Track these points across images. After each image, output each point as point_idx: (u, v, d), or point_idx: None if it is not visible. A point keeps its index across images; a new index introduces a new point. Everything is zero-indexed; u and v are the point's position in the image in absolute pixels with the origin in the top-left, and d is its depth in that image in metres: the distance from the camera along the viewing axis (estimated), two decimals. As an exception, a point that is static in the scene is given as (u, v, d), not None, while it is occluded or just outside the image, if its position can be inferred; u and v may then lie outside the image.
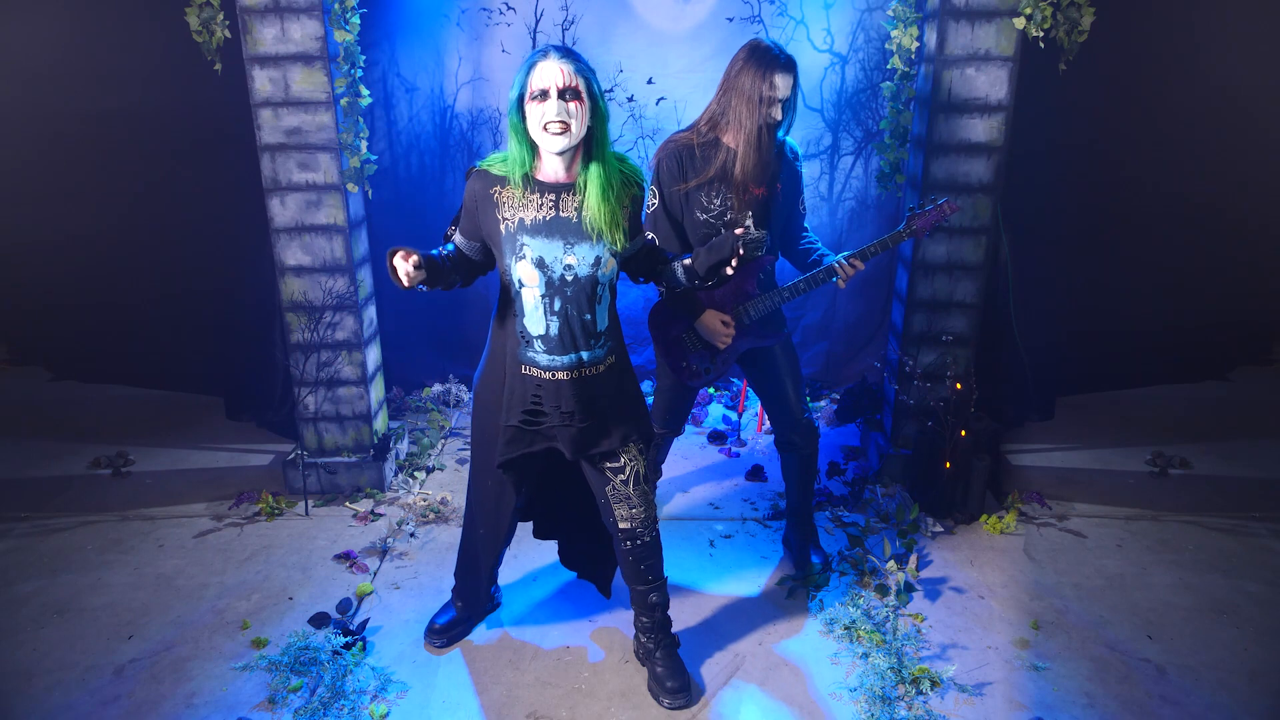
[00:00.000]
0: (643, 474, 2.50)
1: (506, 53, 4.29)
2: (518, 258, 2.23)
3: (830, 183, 4.50)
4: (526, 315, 2.29)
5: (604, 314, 2.33)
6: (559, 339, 2.28)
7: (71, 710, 2.52)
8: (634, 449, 2.47)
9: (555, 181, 2.25)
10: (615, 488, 2.47)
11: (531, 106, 2.15)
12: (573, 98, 2.14)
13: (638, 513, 2.49)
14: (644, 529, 2.51)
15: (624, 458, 2.45)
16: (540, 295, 2.25)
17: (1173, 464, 3.74)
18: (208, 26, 3.41)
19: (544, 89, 2.13)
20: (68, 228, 4.13)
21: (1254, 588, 3.09)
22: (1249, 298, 4.29)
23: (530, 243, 2.22)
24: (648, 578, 2.56)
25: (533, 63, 2.15)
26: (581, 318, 2.28)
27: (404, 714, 2.53)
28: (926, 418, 3.61)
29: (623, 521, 2.50)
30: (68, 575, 3.18)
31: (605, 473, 2.47)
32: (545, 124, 2.15)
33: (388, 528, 3.49)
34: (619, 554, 2.57)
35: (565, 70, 2.13)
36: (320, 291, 3.59)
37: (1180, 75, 3.80)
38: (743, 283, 2.91)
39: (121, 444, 3.91)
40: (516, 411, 2.38)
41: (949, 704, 2.55)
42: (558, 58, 2.14)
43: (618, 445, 2.43)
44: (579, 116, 2.15)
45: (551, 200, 2.24)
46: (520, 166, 2.22)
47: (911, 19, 3.56)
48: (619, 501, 2.48)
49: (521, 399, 2.37)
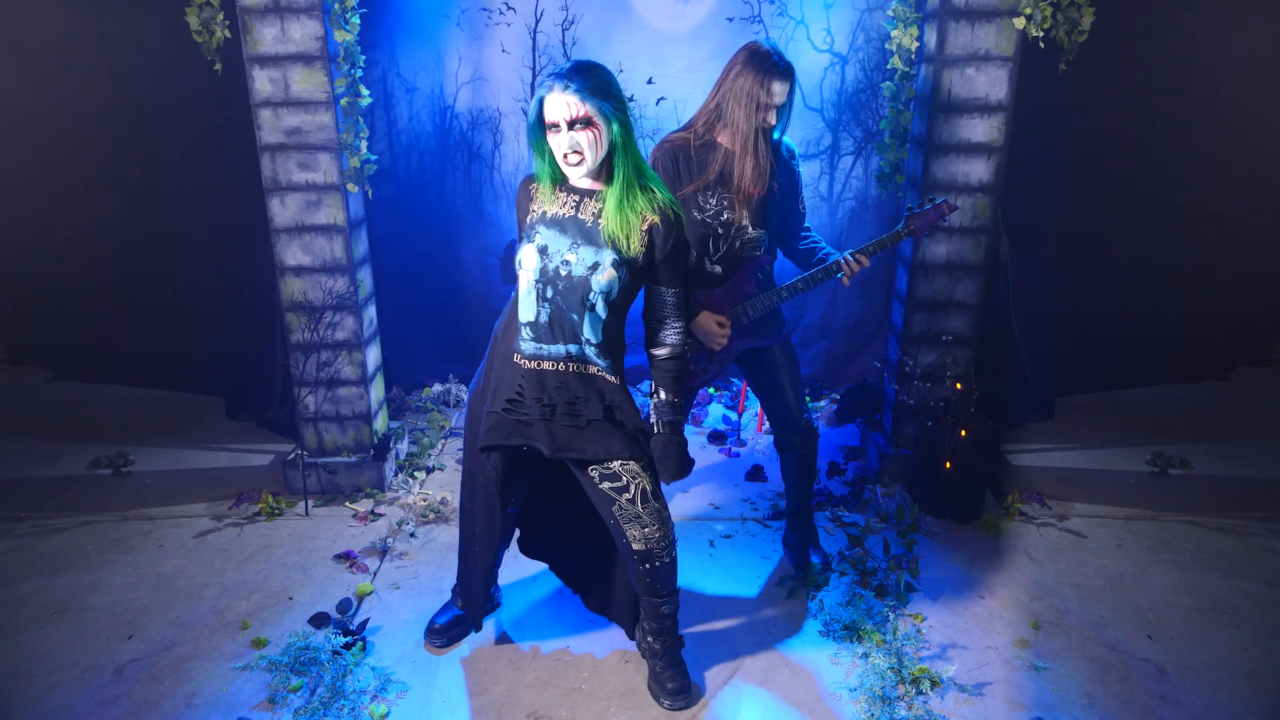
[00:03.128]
0: (651, 491, 2.40)
1: (506, 53, 4.29)
2: (527, 241, 2.30)
3: (830, 183, 4.50)
4: (521, 300, 2.34)
5: (593, 327, 2.28)
6: (548, 327, 2.30)
7: (71, 710, 2.52)
8: (634, 465, 2.38)
9: (582, 187, 2.31)
10: (622, 507, 2.39)
11: (550, 135, 2.20)
12: (584, 126, 2.15)
13: (651, 532, 2.40)
14: (661, 549, 2.42)
15: (624, 476, 2.37)
16: (534, 280, 2.28)
17: (1173, 464, 3.74)
18: (208, 26, 3.41)
19: (554, 122, 2.16)
20: (68, 228, 4.14)
21: (1254, 588, 3.09)
22: (1249, 298, 4.29)
23: (542, 231, 2.29)
24: (661, 593, 2.52)
25: (542, 95, 2.17)
26: (569, 315, 2.29)
27: (404, 714, 2.53)
28: (926, 418, 3.60)
29: (636, 543, 2.40)
30: (68, 575, 3.18)
31: (607, 492, 2.39)
32: (562, 155, 2.20)
33: (388, 528, 3.49)
34: (633, 574, 2.49)
35: (571, 102, 2.13)
36: (320, 291, 3.59)
37: (1180, 75, 3.80)
38: (741, 283, 2.91)
39: (121, 444, 3.92)
40: (500, 399, 2.39)
41: (949, 704, 2.55)
42: (561, 89, 2.13)
43: (601, 457, 2.35)
44: (594, 143, 2.18)
45: (575, 201, 2.30)
46: (551, 179, 2.29)
47: (911, 19, 3.56)
48: (629, 522, 2.40)
49: (507, 387, 2.38)
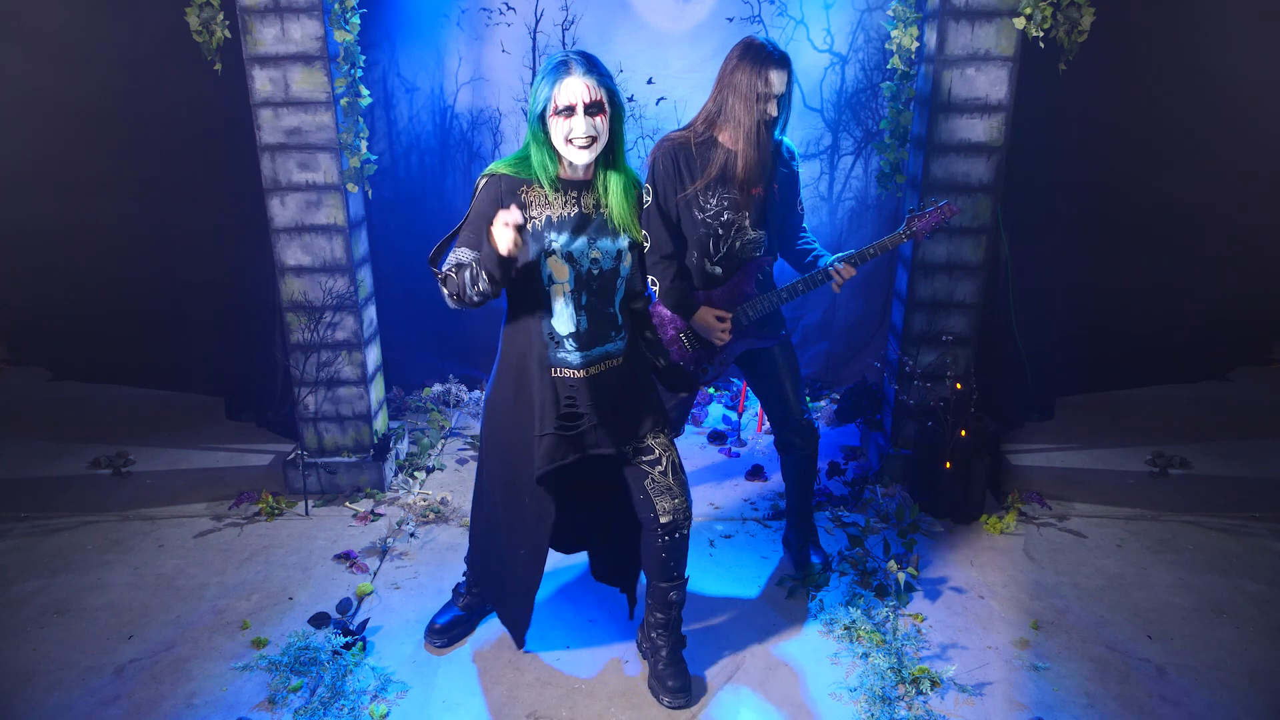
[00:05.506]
0: (678, 463, 2.48)
1: (506, 53, 4.29)
2: (547, 253, 2.24)
3: (830, 183, 4.50)
4: (555, 315, 2.29)
5: (621, 307, 2.37)
6: (588, 334, 2.30)
7: (71, 710, 2.53)
8: (664, 436, 2.47)
9: (575, 179, 2.29)
10: (654, 480, 2.44)
11: (556, 121, 2.17)
12: (597, 112, 2.17)
13: (679, 503, 2.46)
14: (684, 519, 2.48)
15: (657, 449, 2.45)
16: (569, 290, 2.26)
17: (1173, 464, 3.74)
18: (208, 26, 3.42)
19: (570, 105, 2.15)
20: (68, 228, 4.13)
21: (1254, 588, 3.09)
22: (1249, 298, 4.28)
23: (558, 239, 2.25)
24: (673, 574, 2.53)
25: (557, 78, 2.15)
26: (605, 311, 2.31)
27: (404, 714, 2.53)
28: (926, 418, 3.60)
29: (664, 515, 2.45)
30: (68, 575, 3.18)
31: (641, 466, 2.44)
32: (571, 139, 2.17)
33: (388, 528, 3.49)
34: (649, 549, 2.51)
35: (590, 86, 2.14)
36: (320, 291, 3.59)
37: (1180, 75, 3.80)
38: (741, 283, 2.91)
39: (121, 444, 3.91)
40: (551, 418, 2.33)
41: (949, 704, 2.55)
42: (581, 73, 2.14)
43: (649, 432, 2.44)
44: (604, 129, 2.19)
45: (574, 197, 2.27)
46: (546, 172, 2.24)
47: (911, 19, 3.56)
48: (660, 494, 2.44)
49: (555, 404, 2.33)
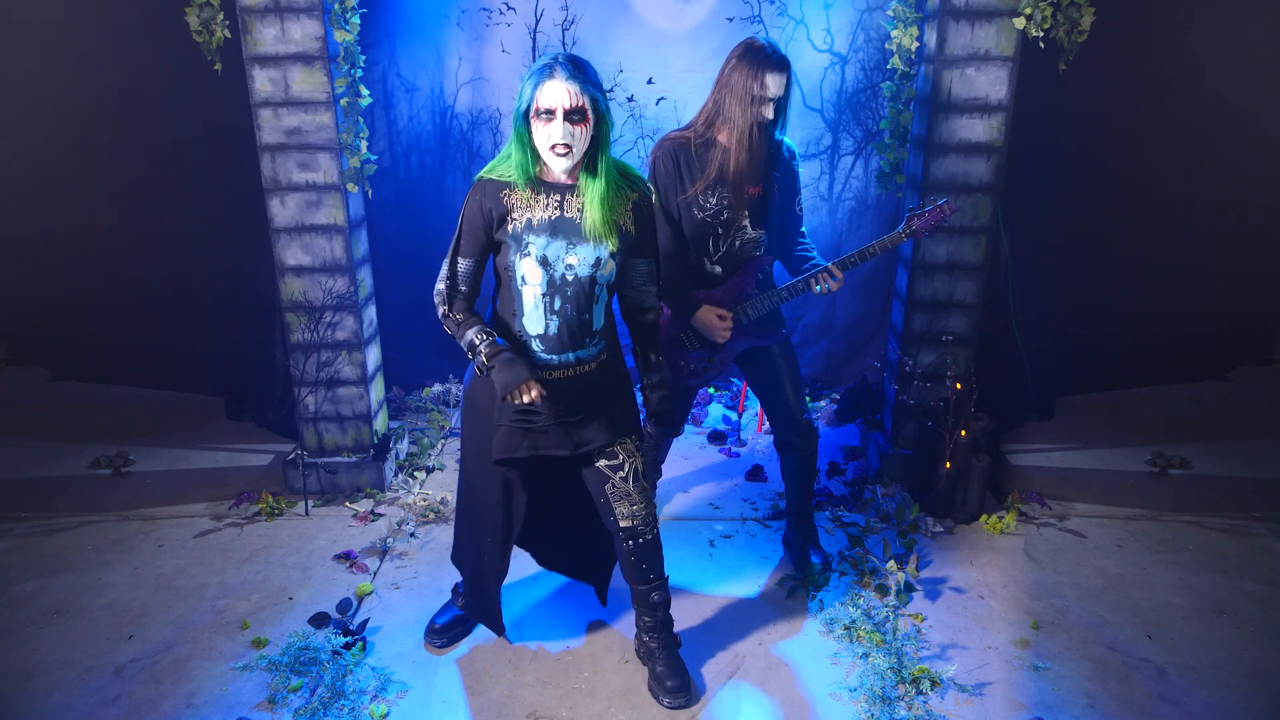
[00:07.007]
0: (641, 470, 2.49)
1: (506, 53, 4.29)
2: (523, 255, 2.24)
3: (830, 183, 4.50)
4: (526, 315, 2.30)
5: (600, 313, 2.34)
6: (557, 338, 2.30)
7: (71, 710, 2.52)
8: (630, 444, 2.47)
9: (559, 182, 2.26)
10: (615, 485, 2.46)
11: (537, 124, 2.15)
12: (579, 120, 2.13)
13: (638, 509, 2.48)
14: (645, 526, 2.50)
15: (621, 455, 2.46)
16: (541, 294, 2.26)
17: (1173, 464, 3.74)
18: (208, 26, 3.41)
19: (550, 109, 2.12)
20: (68, 228, 4.14)
21: (1254, 588, 3.09)
22: (1249, 298, 4.29)
23: (535, 241, 2.23)
24: (649, 577, 2.55)
25: (540, 80, 2.12)
26: (580, 318, 2.29)
27: (404, 714, 2.53)
28: (926, 418, 3.60)
29: (624, 520, 2.48)
30: (68, 575, 3.18)
31: (603, 470, 2.46)
32: (551, 145, 2.15)
33: (388, 528, 3.49)
34: (620, 554, 2.56)
35: (572, 91, 2.11)
36: (320, 291, 3.59)
37: (1180, 75, 3.80)
38: (741, 283, 2.91)
39: (121, 444, 3.92)
40: (508, 410, 2.36)
41: (949, 704, 2.55)
42: (564, 77, 2.11)
43: (611, 440, 2.43)
44: (582, 137, 2.16)
45: (556, 200, 2.25)
46: (524, 173, 2.22)
47: (911, 19, 3.56)
48: (619, 499, 2.47)
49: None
